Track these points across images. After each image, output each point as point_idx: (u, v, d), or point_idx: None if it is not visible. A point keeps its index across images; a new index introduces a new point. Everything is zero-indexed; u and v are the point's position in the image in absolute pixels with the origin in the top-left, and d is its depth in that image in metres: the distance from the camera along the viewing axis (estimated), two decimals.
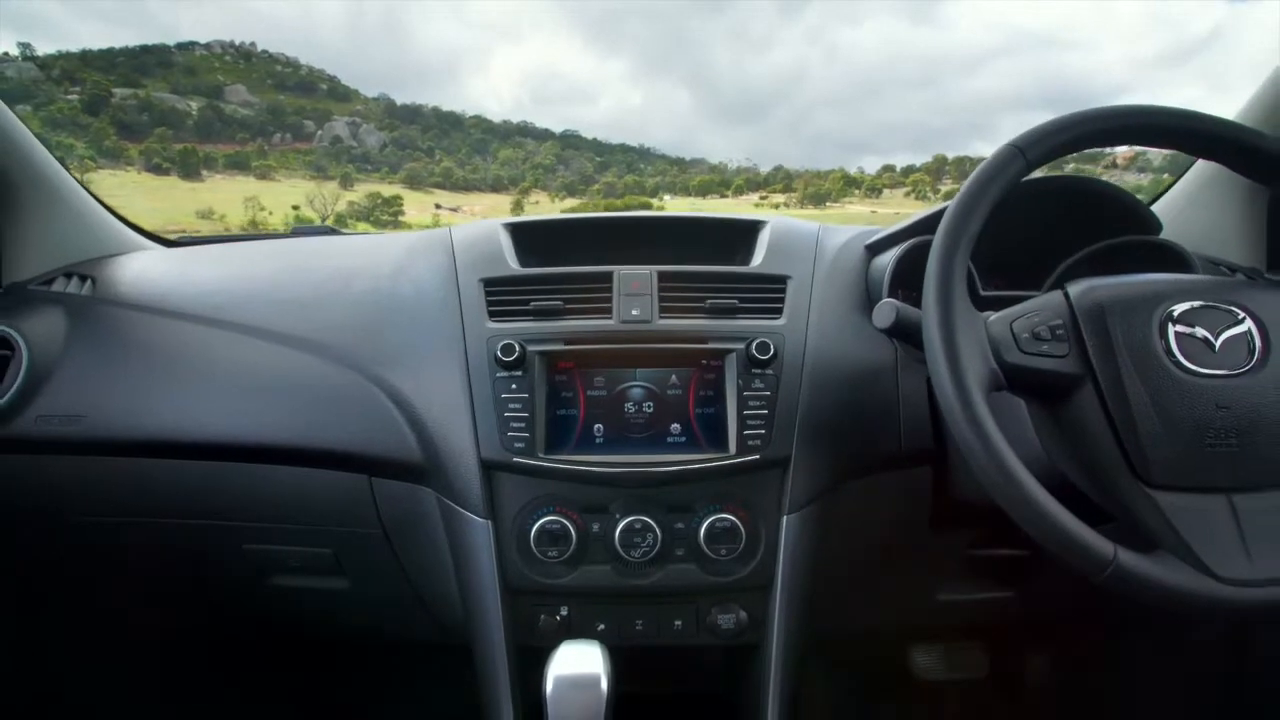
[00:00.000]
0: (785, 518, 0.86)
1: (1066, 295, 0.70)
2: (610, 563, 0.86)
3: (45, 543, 1.09)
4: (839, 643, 1.33)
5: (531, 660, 0.83)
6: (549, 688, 0.73)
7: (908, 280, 0.91)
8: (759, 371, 0.86)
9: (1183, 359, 0.65)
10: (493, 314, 0.90)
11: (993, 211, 0.68)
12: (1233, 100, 1.08)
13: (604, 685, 0.73)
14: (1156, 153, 1.09)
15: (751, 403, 0.85)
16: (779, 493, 0.87)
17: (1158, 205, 1.19)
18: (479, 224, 1.05)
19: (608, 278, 0.92)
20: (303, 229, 1.39)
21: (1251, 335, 0.66)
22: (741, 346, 0.86)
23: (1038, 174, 0.72)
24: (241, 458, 0.94)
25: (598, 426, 0.86)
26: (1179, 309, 0.67)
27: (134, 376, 0.95)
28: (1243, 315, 0.66)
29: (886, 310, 0.73)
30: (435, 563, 0.93)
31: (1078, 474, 0.70)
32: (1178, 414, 0.63)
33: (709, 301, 0.90)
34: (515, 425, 0.84)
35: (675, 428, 0.87)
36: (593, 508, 0.86)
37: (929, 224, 0.93)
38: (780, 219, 1.09)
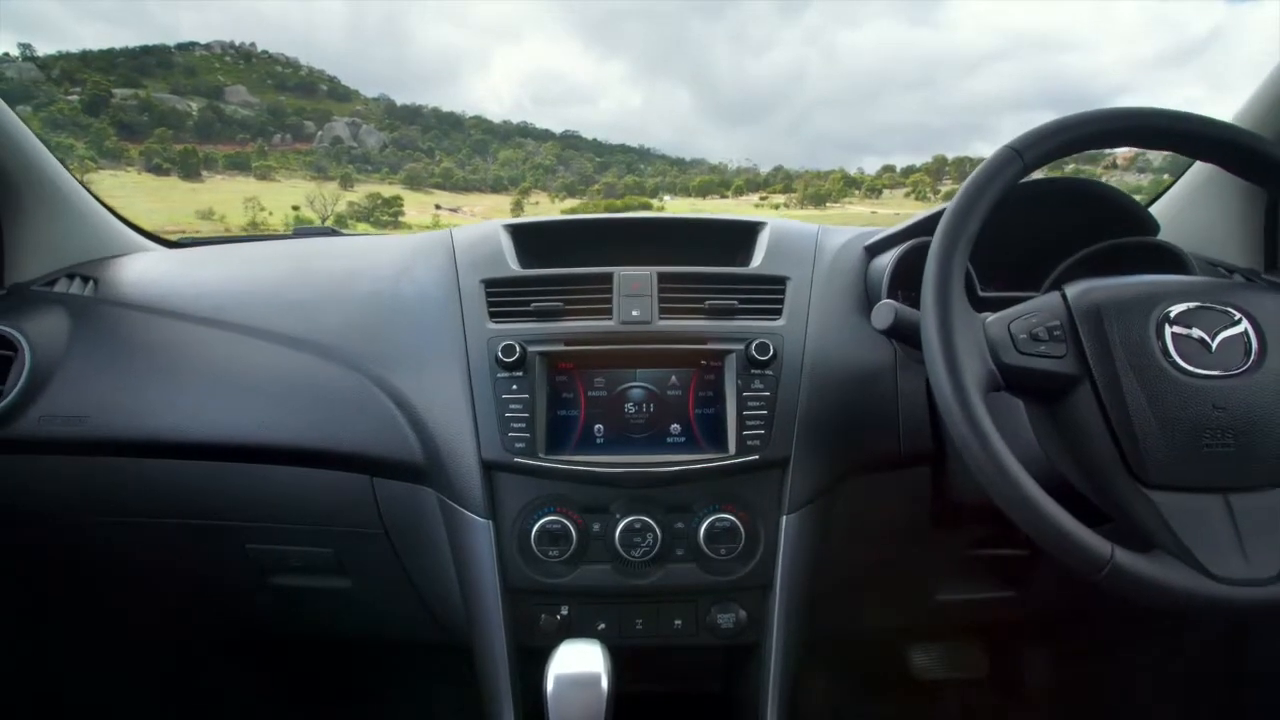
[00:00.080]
0: (785, 518, 0.87)
1: (1064, 296, 0.71)
2: (610, 562, 0.87)
3: (47, 543, 1.09)
4: (839, 643, 1.33)
5: (532, 660, 0.84)
6: (550, 687, 0.73)
7: (907, 281, 0.92)
8: (758, 372, 0.86)
9: (1179, 360, 0.65)
10: (493, 315, 0.91)
11: (991, 213, 0.68)
12: (1233, 100, 1.08)
13: (604, 684, 0.73)
14: (1156, 153, 1.10)
15: (751, 403, 0.86)
16: (778, 493, 0.87)
17: (1156, 206, 1.19)
18: (480, 225, 1.06)
19: (608, 279, 0.92)
20: (304, 230, 1.39)
21: (1248, 336, 0.66)
22: (741, 347, 0.86)
23: (1036, 175, 0.72)
24: (243, 458, 0.94)
25: (598, 427, 0.87)
26: (1176, 310, 0.67)
27: (136, 377, 0.95)
28: (1239, 316, 0.67)
29: (885, 311, 0.73)
30: (436, 562, 0.93)
31: (1075, 474, 0.70)
32: (1174, 414, 0.64)
33: (708, 302, 0.91)
34: (516, 426, 0.84)
35: (675, 428, 0.87)
36: (593, 508, 0.87)
37: (928, 225, 0.93)
38: (779, 220, 1.09)
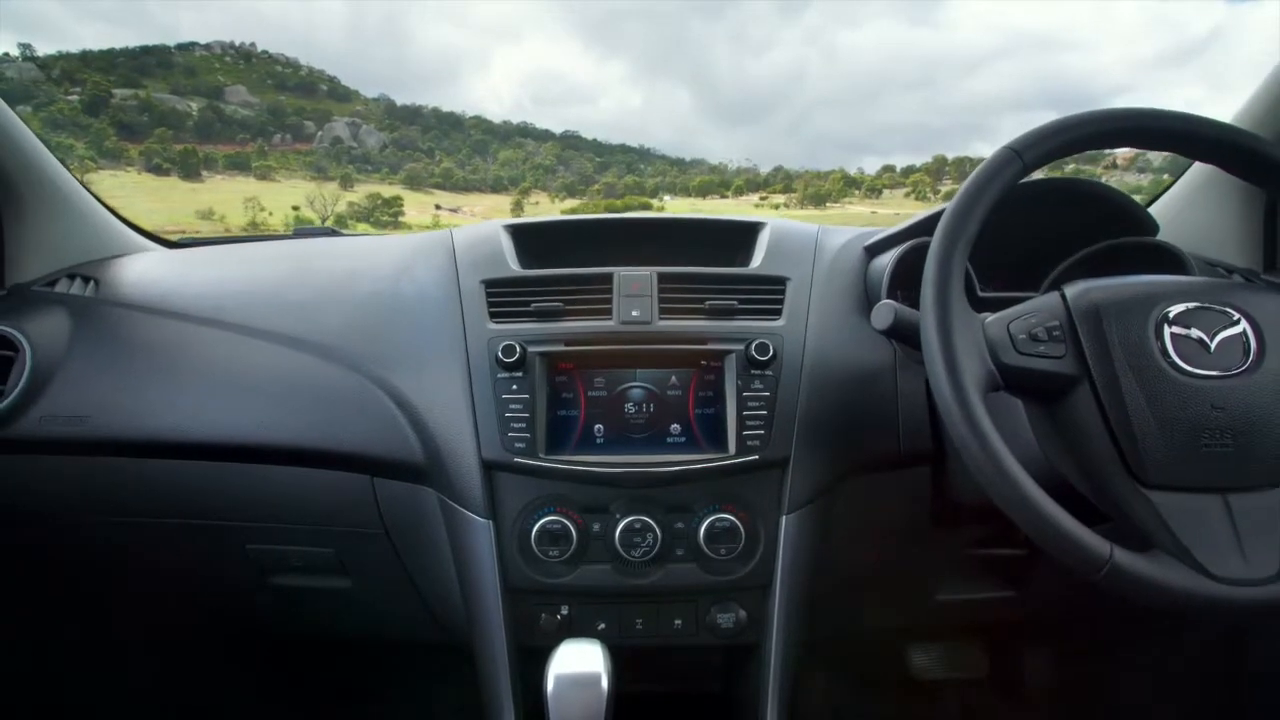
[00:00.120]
0: (784, 517, 0.87)
1: (1063, 296, 0.71)
2: (610, 562, 0.87)
3: (48, 543, 1.09)
4: (839, 642, 1.33)
5: (532, 659, 0.84)
6: (550, 686, 0.73)
7: (906, 281, 0.92)
8: (758, 372, 0.86)
9: (1178, 360, 0.65)
10: (494, 315, 0.91)
11: (990, 213, 0.69)
12: (1233, 100, 1.08)
13: (605, 684, 0.73)
14: (1156, 154, 1.10)
15: (751, 403, 0.86)
16: (778, 493, 0.87)
17: (1155, 207, 1.19)
18: (480, 226, 1.06)
19: (608, 279, 0.92)
20: (304, 230, 1.39)
21: (1247, 336, 0.66)
22: (741, 347, 0.86)
23: (1036, 175, 0.72)
24: (244, 458, 0.94)
25: (598, 427, 0.87)
26: (1175, 310, 0.67)
27: (137, 377, 0.96)
28: (1238, 316, 0.67)
29: (885, 311, 0.73)
30: (436, 562, 0.93)
31: (1074, 474, 0.70)
32: (1173, 414, 0.64)
33: (708, 303, 0.91)
34: (516, 426, 0.84)
35: (675, 428, 0.87)
36: (593, 508, 0.87)
37: (927, 225, 0.93)
38: (779, 220, 1.09)
